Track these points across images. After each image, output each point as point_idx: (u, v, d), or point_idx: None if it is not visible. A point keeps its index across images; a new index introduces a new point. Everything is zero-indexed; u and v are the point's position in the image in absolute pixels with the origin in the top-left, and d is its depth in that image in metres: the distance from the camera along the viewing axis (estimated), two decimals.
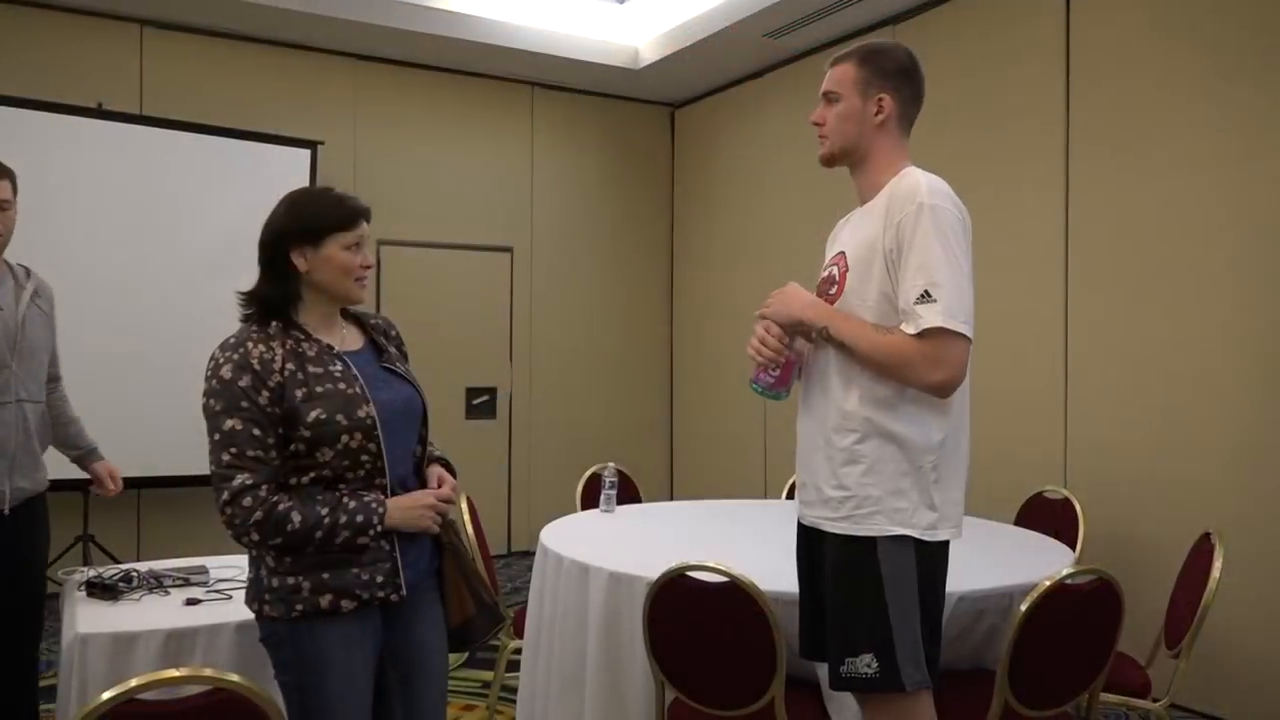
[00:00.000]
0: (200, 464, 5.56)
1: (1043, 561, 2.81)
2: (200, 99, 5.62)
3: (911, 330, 1.85)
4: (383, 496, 1.88)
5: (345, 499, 1.84)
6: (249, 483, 1.76)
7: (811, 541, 2.06)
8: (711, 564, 2.26)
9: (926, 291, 1.84)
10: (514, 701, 3.14)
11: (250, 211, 5.30)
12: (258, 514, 1.76)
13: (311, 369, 1.86)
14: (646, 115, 7.20)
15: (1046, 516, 3.66)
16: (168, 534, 5.43)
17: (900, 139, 2.05)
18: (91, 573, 2.63)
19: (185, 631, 2.28)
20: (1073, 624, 2.25)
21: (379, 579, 1.86)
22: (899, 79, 2.03)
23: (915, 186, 1.91)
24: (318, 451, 1.82)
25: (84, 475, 3.03)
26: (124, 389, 5.13)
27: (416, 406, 2.03)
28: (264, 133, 5.59)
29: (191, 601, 2.48)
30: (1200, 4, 3.84)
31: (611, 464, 3.80)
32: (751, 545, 3.17)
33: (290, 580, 1.82)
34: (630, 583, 2.54)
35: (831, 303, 2.01)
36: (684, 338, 7.15)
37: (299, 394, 1.82)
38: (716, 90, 6.79)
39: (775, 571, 2.39)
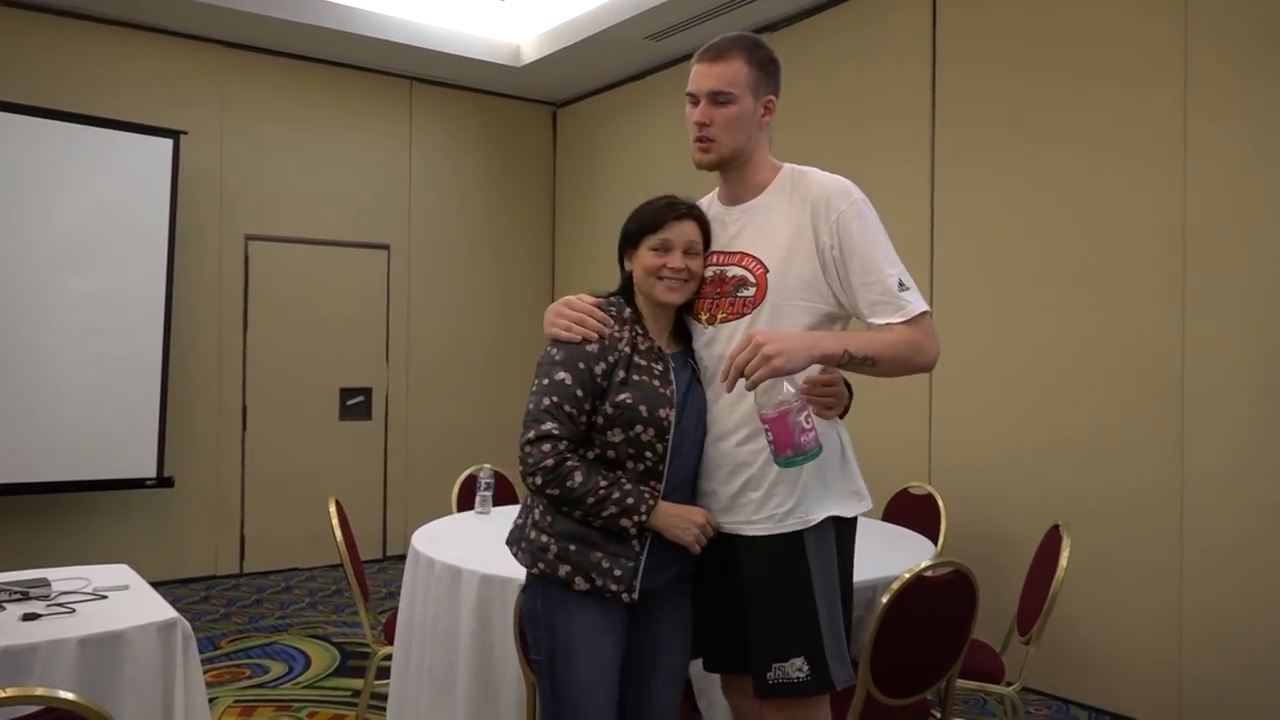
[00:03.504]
0: (49, 472, 5.26)
1: (905, 555, 2.90)
2: (50, 83, 5.29)
3: (901, 319, 1.86)
4: (658, 494, 1.94)
5: (623, 480, 1.92)
6: (555, 432, 1.89)
7: (720, 551, 1.98)
8: None
9: (901, 281, 1.88)
10: (384, 709, 3.06)
11: (107, 203, 5.19)
12: (549, 460, 1.87)
13: (638, 360, 1.97)
14: (528, 114, 7.15)
15: (912, 511, 3.80)
16: (9, 545, 5.09)
17: (767, 136, 2.07)
18: None
19: (22, 649, 2.13)
20: (931, 614, 2.33)
21: (616, 573, 1.91)
22: (779, 77, 2.03)
23: (840, 184, 1.95)
24: (610, 431, 1.93)
25: None
26: None
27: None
28: (120, 120, 5.29)
29: (29, 616, 2.32)
30: (1056, 23, 4.05)
31: (488, 465, 3.75)
32: None
33: (544, 539, 1.94)
34: (502, 585, 2.51)
35: (747, 305, 1.95)
36: None
37: (620, 375, 1.94)
38: (599, 90, 6.80)
39: None
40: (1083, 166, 3.93)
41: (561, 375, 1.92)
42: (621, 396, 1.92)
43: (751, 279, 1.96)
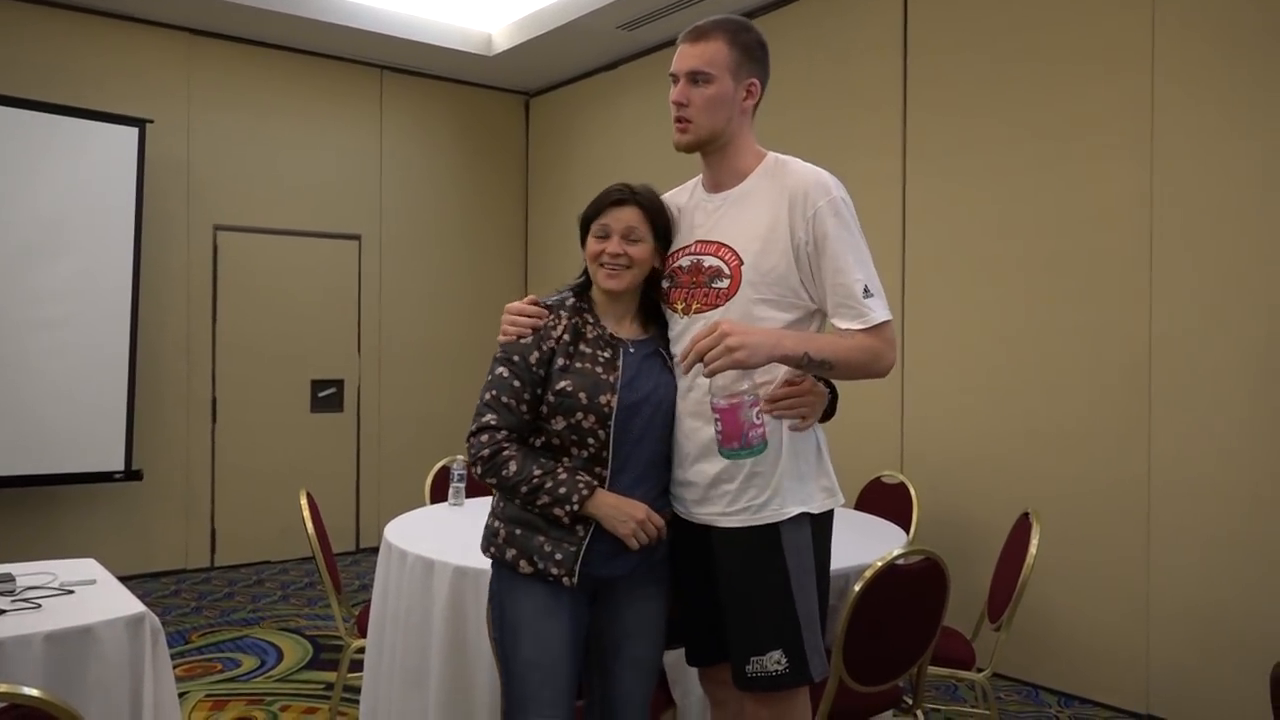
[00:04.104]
0: (14, 465, 5.19)
1: (877, 544, 2.90)
2: (10, 70, 5.18)
3: (861, 325, 1.86)
4: (595, 483, 1.94)
5: (560, 470, 1.95)
6: (493, 423, 1.97)
7: (696, 543, 1.98)
8: None
9: (867, 287, 1.86)
10: (357, 702, 3.05)
11: (70, 193, 5.11)
12: (485, 451, 1.95)
13: (582, 347, 2.00)
14: (500, 103, 7.11)
15: (884, 500, 3.82)
16: None
17: (752, 122, 2.03)
18: None
19: None
20: (903, 602, 2.35)
21: (557, 556, 1.94)
22: (765, 62, 2.00)
23: (820, 178, 1.91)
24: (554, 419, 1.96)
25: None
26: None
27: (672, 405, 2.02)
28: (85, 109, 5.20)
29: None
30: (1025, 14, 4.08)
31: (460, 457, 3.74)
32: None
33: (496, 524, 2.03)
34: (475, 577, 2.50)
35: (720, 296, 1.93)
36: None
37: (560, 362, 1.97)
38: (571, 80, 6.76)
39: None
40: (1052, 157, 3.96)
41: (500, 370, 2.00)
42: (561, 384, 1.96)
43: (726, 270, 1.94)
